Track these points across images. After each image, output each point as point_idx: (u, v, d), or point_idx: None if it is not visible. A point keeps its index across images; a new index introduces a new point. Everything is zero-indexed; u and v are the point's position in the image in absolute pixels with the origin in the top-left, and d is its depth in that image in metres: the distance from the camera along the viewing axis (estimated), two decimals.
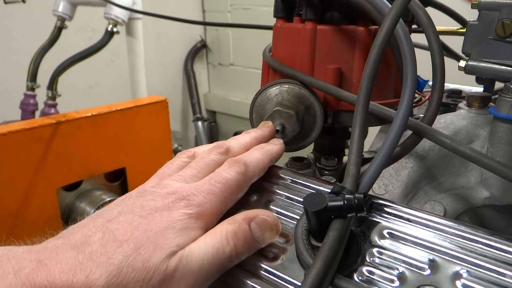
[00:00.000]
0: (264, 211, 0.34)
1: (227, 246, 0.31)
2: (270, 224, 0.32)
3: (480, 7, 0.44)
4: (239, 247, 0.31)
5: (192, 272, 0.29)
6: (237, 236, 0.31)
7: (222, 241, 0.31)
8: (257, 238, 0.32)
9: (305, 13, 0.50)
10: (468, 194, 0.48)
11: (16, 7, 2.00)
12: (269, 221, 0.32)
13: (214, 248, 0.30)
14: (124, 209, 0.31)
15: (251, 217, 0.32)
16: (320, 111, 0.49)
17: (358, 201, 0.30)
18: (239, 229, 0.32)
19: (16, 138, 1.14)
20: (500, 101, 0.42)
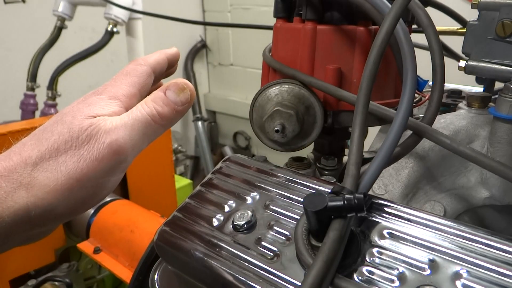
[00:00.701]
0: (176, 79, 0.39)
1: (146, 108, 0.36)
2: (181, 85, 0.38)
3: (480, 7, 0.44)
4: (159, 108, 0.36)
5: (118, 126, 0.34)
6: (154, 100, 0.36)
7: (142, 106, 0.36)
8: (173, 99, 0.37)
9: (305, 13, 0.50)
10: (468, 194, 0.48)
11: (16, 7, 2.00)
12: (179, 83, 0.38)
13: (135, 112, 0.35)
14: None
15: (165, 87, 0.38)
16: (320, 111, 0.49)
17: (358, 201, 0.30)
18: (155, 95, 0.37)
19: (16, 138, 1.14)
20: (500, 101, 0.42)
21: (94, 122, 0.33)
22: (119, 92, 0.36)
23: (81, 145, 0.32)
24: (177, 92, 0.38)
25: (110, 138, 0.33)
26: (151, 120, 0.36)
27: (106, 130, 0.33)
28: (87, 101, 0.35)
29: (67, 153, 0.32)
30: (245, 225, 0.36)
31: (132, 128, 0.34)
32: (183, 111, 0.38)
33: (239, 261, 0.34)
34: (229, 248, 0.35)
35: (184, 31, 2.92)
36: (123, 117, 0.35)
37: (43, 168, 0.31)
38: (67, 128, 0.33)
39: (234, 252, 0.35)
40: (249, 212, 0.37)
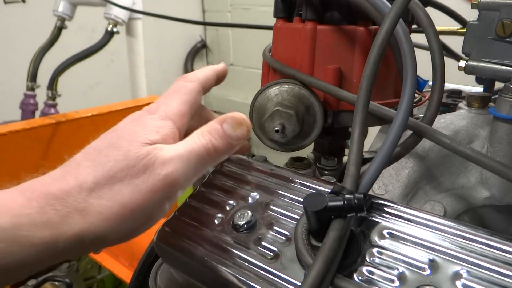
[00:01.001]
0: (234, 112, 0.38)
1: (203, 140, 0.35)
2: (239, 120, 0.37)
3: (480, 7, 0.44)
4: (214, 141, 0.35)
5: (174, 158, 0.33)
6: (210, 133, 0.36)
7: (198, 137, 0.35)
8: (229, 133, 0.36)
9: (305, 13, 0.50)
10: (468, 194, 0.48)
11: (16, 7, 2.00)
12: (237, 118, 0.37)
13: (190, 143, 0.35)
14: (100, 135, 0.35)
15: (222, 119, 0.37)
16: (320, 111, 0.49)
17: (358, 201, 0.30)
18: (211, 127, 0.36)
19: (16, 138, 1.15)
20: (500, 101, 0.42)
21: (150, 151, 0.32)
22: (171, 111, 0.36)
23: (136, 174, 0.32)
24: (234, 127, 0.37)
25: (166, 170, 0.32)
26: (205, 153, 0.35)
27: (163, 161, 0.32)
28: (141, 121, 0.35)
29: (123, 181, 0.31)
30: (245, 225, 0.36)
31: (187, 160, 0.34)
32: (237, 146, 0.37)
33: (239, 261, 0.34)
34: (229, 248, 0.35)
35: (184, 31, 2.92)
36: (179, 147, 0.34)
37: (98, 195, 0.30)
38: (123, 155, 0.32)
39: (234, 252, 0.35)
40: (249, 212, 0.37)
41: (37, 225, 0.28)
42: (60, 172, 0.32)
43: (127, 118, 0.36)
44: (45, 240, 0.28)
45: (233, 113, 0.38)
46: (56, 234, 0.29)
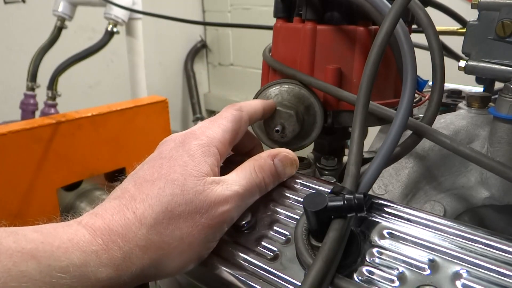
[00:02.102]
0: (285, 149, 0.39)
1: (257, 177, 0.36)
2: (291, 159, 0.39)
3: (480, 7, 0.44)
4: (266, 179, 0.36)
5: (232, 195, 0.34)
6: (263, 169, 0.36)
7: (252, 173, 0.36)
8: (280, 171, 0.38)
9: (305, 13, 0.50)
10: (468, 194, 0.48)
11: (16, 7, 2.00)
12: (290, 157, 0.38)
13: (246, 178, 0.35)
14: (146, 161, 0.36)
15: (274, 154, 0.38)
16: (320, 111, 0.49)
17: (358, 201, 0.30)
18: (265, 163, 0.37)
19: (16, 138, 1.15)
20: (500, 101, 0.42)
21: (207, 187, 0.33)
22: (216, 137, 0.36)
23: (195, 209, 0.32)
24: (286, 165, 0.38)
25: (223, 208, 0.33)
26: (257, 190, 0.36)
27: (221, 199, 0.33)
28: (188, 149, 0.35)
29: (181, 216, 0.31)
30: (245, 225, 0.36)
31: (242, 198, 0.35)
32: (282, 180, 0.39)
33: (239, 261, 0.34)
34: (229, 248, 0.35)
35: (184, 31, 2.92)
36: (235, 184, 0.34)
37: (157, 231, 0.31)
38: (180, 190, 0.32)
39: (234, 252, 0.35)
40: (249, 212, 0.37)
41: (102, 262, 0.29)
42: (116, 206, 0.31)
43: (170, 142, 0.36)
44: (110, 276, 0.29)
45: (286, 151, 0.39)
46: (120, 270, 0.29)
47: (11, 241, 0.27)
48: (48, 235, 0.28)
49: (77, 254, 0.28)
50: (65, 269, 0.27)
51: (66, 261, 0.27)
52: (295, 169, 0.39)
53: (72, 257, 0.28)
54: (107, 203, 0.32)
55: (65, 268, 0.27)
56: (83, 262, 0.28)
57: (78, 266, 0.28)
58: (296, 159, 0.39)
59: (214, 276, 0.34)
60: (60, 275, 0.27)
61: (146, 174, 0.33)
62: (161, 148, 0.36)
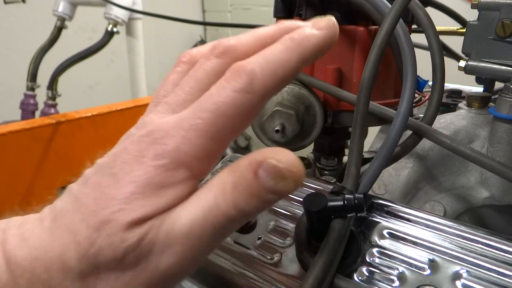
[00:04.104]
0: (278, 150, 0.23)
1: (223, 204, 0.23)
2: (282, 171, 0.22)
3: (480, 7, 0.44)
4: (242, 204, 0.23)
5: (177, 240, 0.23)
6: (237, 189, 0.23)
7: (217, 197, 0.23)
8: (269, 189, 0.23)
9: (305, 13, 0.50)
10: (468, 194, 0.48)
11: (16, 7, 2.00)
12: (281, 168, 0.22)
13: (206, 208, 0.23)
14: (102, 162, 0.25)
15: (258, 163, 0.23)
16: (320, 111, 0.49)
17: (358, 201, 0.30)
18: (240, 180, 0.23)
19: (16, 138, 1.15)
20: (500, 101, 0.42)
21: (143, 237, 0.22)
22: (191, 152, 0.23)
23: (126, 268, 0.23)
24: (275, 179, 0.22)
25: (166, 262, 0.23)
26: (227, 223, 0.23)
27: (161, 248, 0.23)
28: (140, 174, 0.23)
29: (110, 275, 0.23)
30: (245, 225, 0.36)
31: (198, 240, 0.23)
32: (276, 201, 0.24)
33: (239, 261, 0.34)
34: (229, 248, 0.35)
35: (184, 31, 2.92)
36: (187, 219, 0.23)
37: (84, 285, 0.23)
38: (108, 243, 0.22)
39: (234, 252, 0.35)
40: None
41: None
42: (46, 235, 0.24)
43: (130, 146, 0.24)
44: None
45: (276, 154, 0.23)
46: None
47: None
48: None
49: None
50: None
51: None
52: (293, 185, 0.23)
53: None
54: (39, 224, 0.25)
55: None
56: None
57: None
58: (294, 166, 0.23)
59: (214, 276, 0.34)
60: None
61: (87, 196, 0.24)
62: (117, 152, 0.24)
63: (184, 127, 0.23)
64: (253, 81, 0.23)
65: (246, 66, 0.23)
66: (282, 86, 0.25)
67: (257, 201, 0.23)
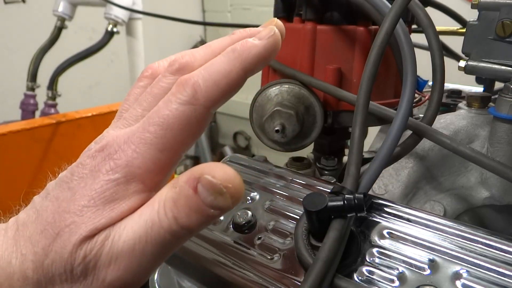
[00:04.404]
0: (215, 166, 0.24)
1: (164, 219, 0.23)
2: (218, 187, 0.23)
3: (480, 7, 0.44)
4: (183, 219, 0.23)
5: (122, 255, 0.24)
6: (177, 205, 0.23)
7: (159, 213, 0.24)
8: (209, 203, 0.23)
9: (305, 13, 0.50)
10: (468, 194, 0.48)
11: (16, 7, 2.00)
12: (215, 183, 0.23)
13: (148, 223, 0.24)
14: (62, 176, 0.26)
15: (196, 177, 0.23)
16: (320, 111, 0.49)
17: (358, 201, 0.30)
18: (179, 195, 0.24)
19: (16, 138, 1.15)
20: (500, 101, 0.42)
21: (89, 251, 0.23)
22: (142, 165, 0.24)
23: (76, 280, 0.24)
24: (214, 194, 0.23)
25: (111, 275, 0.24)
26: (170, 237, 0.24)
27: (107, 262, 0.24)
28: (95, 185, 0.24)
29: (63, 286, 0.24)
30: (245, 225, 0.36)
31: (142, 254, 0.24)
32: (219, 216, 0.24)
33: (239, 261, 0.34)
34: (229, 248, 0.35)
35: (184, 31, 2.92)
36: (127, 240, 0.24)
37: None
38: (59, 255, 0.24)
39: (234, 252, 0.35)
40: (249, 212, 0.37)
41: None
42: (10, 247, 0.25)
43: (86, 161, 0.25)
44: None
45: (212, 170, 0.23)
46: None
47: None
48: None
49: None
50: None
51: None
52: (230, 201, 0.23)
53: None
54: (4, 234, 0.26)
55: None
56: None
57: None
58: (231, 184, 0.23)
59: (214, 276, 0.34)
60: None
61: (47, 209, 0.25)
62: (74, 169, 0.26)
63: (134, 141, 0.24)
64: (196, 93, 0.24)
65: (189, 79, 0.25)
66: (228, 96, 0.26)
67: (198, 216, 0.23)
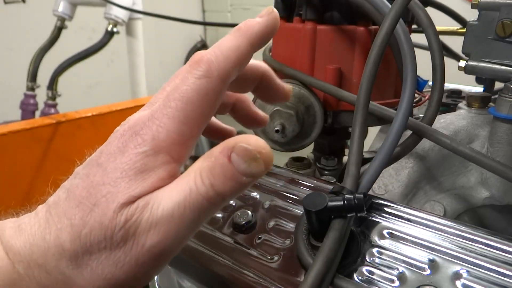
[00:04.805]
0: (248, 137, 0.26)
1: (202, 187, 0.25)
2: (253, 153, 0.25)
3: (480, 7, 0.44)
4: (219, 186, 0.25)
5: (161, 221, 0.25)
6: (213, 173, 0.25)
7: (196, 181, 0.25)
8: (242, 171, 0.25)
9: (305, 13, 0.50)
10: (468, 194, 0.48)
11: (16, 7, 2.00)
12: (251, 150, 0.25)
13: (186, 191, 0.25)
14: (90, 158, 0.28)
15: (230, 148, 0.25)
16: (320, 111, 0.49)
17: (358, 201, 0.30)
18: (215, 164, 0.25)
19: (16, 138, 1.15)
20: (500, 101, 0.42)
21: (130, 217, 0.25)
22: (167, 139, 0.26)
23: (116, 247, 0.25)
24: (248, 161, 0.25)
25: (151, 240, 0.25)
26: (207, 204, 0.25)
27: (147, 228, 0.25)
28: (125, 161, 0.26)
29: (101, 254, 0.25)
30: (245, 225, 0.36)
31: (180, 220, 0.25)
32: (251, 183, 0.26)
33: (239, 261, 0.34)
34: (229, 248, 0.35)
35: (184, 31, 2.92)
36: (169, 202, 0.25)
37: (77, 265, 0.26)
38: (99, 223, 0.25)
39: (234, 252, 0.35)
40: (249, 212, 0.37)
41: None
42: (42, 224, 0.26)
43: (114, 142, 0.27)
44: None
45: (246, 139, 0.26)
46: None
47: None
48: None
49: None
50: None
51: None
52: (264, 166, 0.26)
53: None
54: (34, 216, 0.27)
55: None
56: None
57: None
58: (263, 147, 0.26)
59: (214, 276, 0.34)
60: None
61: (78, 186, 0.27)
62: (103, 148, 0.28)
63: (158, 117, 0.26)
64: (210, 67, 0.27)
65: (203, 56, 0.27)
66: (239, 68, 0.29)
67: (232, 183, 0.25)
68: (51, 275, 0.26)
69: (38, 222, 0.26)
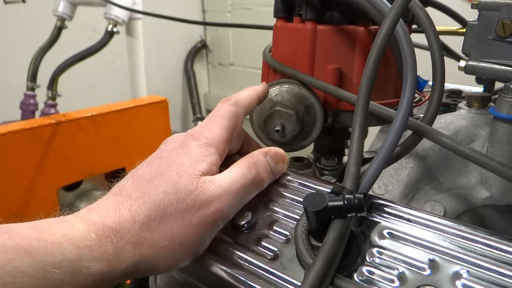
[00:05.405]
0: (275, 147, 0.40)
1: (251, 173, 0.36)
2: (281, 156, 0.40)
3: (480, 7, 0.44)
4: (261, 174, 0.37)
5: (223, 192, 0.34)
6: (257, 165, 0.37)
7: (246, 168, 0.36)
8: (272, 168, 0.38)
9: (305, 13, 0.50)
10: (468, 194, 0.48)
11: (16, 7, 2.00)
12: (280, 153, 0.40)
13: (239, 174, 0.35)
14: (146, 160, 0.37)
15: (266, 152, 0.39)
16: (320, 111, 0.49)
17: (358, 201, 0.30)
18: (258, 159, 0.38)
19: (16, 138, 1.15)
20: (500, 101, 0.42)
21: (200, 186, 0.33)
22: (215, 137, 0.37)
23: (186, 209, 0.32)
24: (277, 161, 0.39)
25: (215, 206, 0.33)
26: (253, 186, 0.36)
27: (212, 197, 0.33)
28: (187, 149, 0.35)
29: (173, 215, 0.32)
30: (245, 225, 0.36)
31: (236, 195, 0.35)
32: (277, 176, 0.40)
33: (239, 261, 0.34)
34: (229, 248, 0.35)
35: (184, 31, 2.92)
36: (228, 181, 0.35)
37: (149, 229, 0.31)
38: (173, 188, 0.32)
39: (234, 252, 0.35)
40: (249, 212, 0.37)
41: (95, 257, 0.29)
42: (112, 202, 0.32)
43: (171, 142, 0.37)
44: (102, 271, 0.30)
45: (277, 149, 0.40)
46: (112, 265, 0.30)
47: (6, 238, 0.28)
48: (42, 231, 0.29)
49: (71, 249, 0.29)
50: (58, 264, 0.28)
51: (59, 257, 0.28)
52: (285, 166, 0.40)
53: (65, 252, 0.28)
54: (104, 200, 0.33)
55: (58, 263, 0.28)
56: (76, 257, 0.29)
57: (71, 261, 0.28)
58: (286, 156, 0.41)
59: (213, 275, 0.34)
60: (54, 271, 0.28)
61: (144, 172, 0.34)
62: (161, 148, 0.37)
63: (206, 126, 0.38)
64: (237, 101, 0.40)
65: (231, 96, 0.41)
66: (254, 105, 0.43)
67: (268, 175, 0.38)
68: (123, 239, 0.31)
69: (108, 203, 0.32)
